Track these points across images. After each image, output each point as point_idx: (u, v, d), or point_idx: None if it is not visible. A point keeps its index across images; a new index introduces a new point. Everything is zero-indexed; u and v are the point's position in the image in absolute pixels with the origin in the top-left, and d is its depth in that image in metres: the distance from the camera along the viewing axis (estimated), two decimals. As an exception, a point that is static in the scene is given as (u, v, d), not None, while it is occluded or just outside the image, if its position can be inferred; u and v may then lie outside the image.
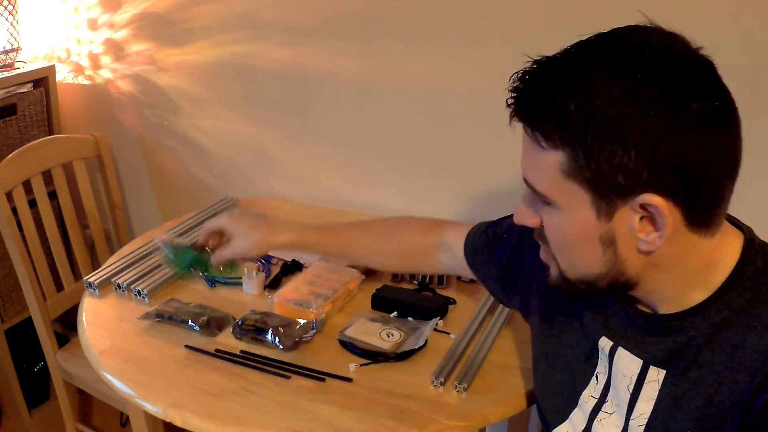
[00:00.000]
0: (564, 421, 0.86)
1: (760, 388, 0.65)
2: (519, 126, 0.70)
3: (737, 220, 0.75)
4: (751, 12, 1.15)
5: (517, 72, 0.67)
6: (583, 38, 0.67)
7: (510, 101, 0.67)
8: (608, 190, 0.64)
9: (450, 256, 1.08)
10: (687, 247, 0.67)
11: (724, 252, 0.70)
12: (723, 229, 0.70)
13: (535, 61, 0.67)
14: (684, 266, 0.69)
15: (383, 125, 1.60)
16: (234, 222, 1.14)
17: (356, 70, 1.57)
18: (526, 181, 0.71)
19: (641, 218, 0.65)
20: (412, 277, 1.34)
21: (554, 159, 0.65)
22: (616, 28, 0.67)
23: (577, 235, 0.69)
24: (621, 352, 0.77)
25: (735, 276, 0.69)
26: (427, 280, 1.33)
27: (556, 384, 0.87)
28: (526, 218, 0.75)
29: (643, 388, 0.75)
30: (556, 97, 0.64)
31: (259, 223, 1.14)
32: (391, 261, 1.16)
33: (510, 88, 0.67)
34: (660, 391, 0.73)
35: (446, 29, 1.43)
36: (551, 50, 0.71)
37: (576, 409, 0.84)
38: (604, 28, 0.69)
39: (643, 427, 0.74)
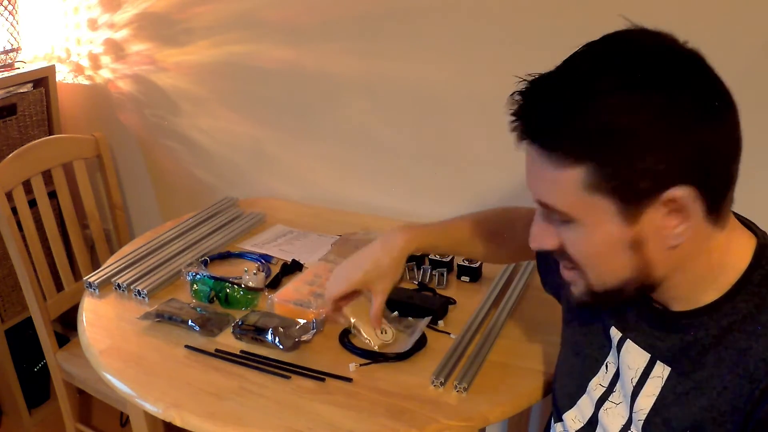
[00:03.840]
0: (573, 406, 0.86)
1: (762, 397, 0.65)
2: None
3: (753, 224, 0.75)
4: (751, 12, 1.15)
5: (516, 93, 0.67)
6: (576, 50, 0.67)
7: (516, 125, 0.67)
8: (634, 195, 0.65)
9: None
10: (703, 241, 0.68)
11: (734, 253, 0.70)
12: (732, 225, 0.70)
13: (532, 81, 0.67)
14: (698, 264, 0.69)
15: (383, 125, 1.60)
16: (362, 278, 1.01)
17: (356, 70, 1.57)
18: (540, 203, 0.71)
19: (668, 213, 0.66)
20: (412, 277, 1.34)
21: (574, 176, 0.65)
22: (606, 36, 0.67)
23: (604, 246, 0.69)
24: (629, 344, 0.78)
25: (744, 280, 0.69)
26: (427, 280, 1.33)
27: (570, 369, 0.88)
28: (544, 241, 0.74)
29: (646, 383, 0.75)
30: (569, 114, 0.64)
31: (378, 258, 1.01)
32: (504, 255, 1.15)
33: (513, 112, 0.67)
34: (663, 388, 0.73)
35: (446, 29, 1.43)
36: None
37: (584, 395, 0.85)
38: (601, 29, 0.69)
39: (642, 422, 0.75)
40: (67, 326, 2.21)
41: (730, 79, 0.66)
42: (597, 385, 0.83)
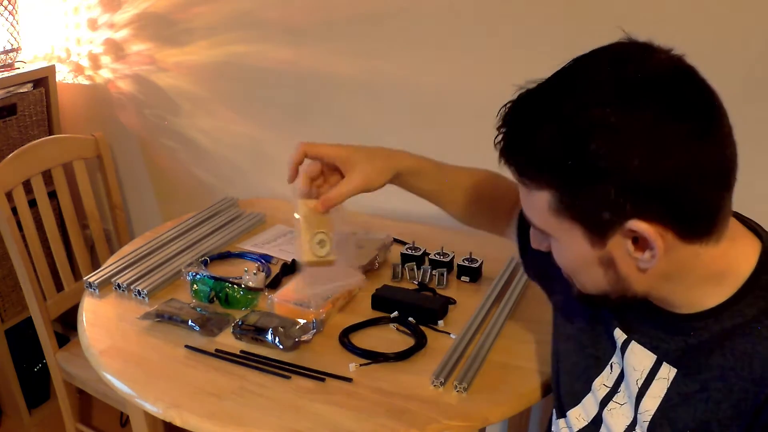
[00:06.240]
0: (577, 404, 0.86)
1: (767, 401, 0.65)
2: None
3: (759, 226, 0.74)
4: (751, 12, 1.15)
5: (503, 106, 0.69)
6: (562, 66, 0.67)
7: (496, 142, 0.69)
8: (596, 223, 0.65)
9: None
10: (690, 258, 0.67)
11: (736, 258, 0.69)
12: (732, 235, 0.69)
13: (513, 100, 0.68)
14: (692, 275, 0.69)
15: (383, 125, 1.60)
16: (348, 150, 0.95)
17: (356, 71, 1.57)
18: (525, 215, 0.74)
19: (634, 240, 0.65)
20: (412, 277, 1.34)
21: (542, 198, 0.67)
22: (594, 51, 0.66)
23: (577, 261, 0.72)
24: (634, 345, 0.78)
25: (750, 284, 0.69)
26: (427, 280, 1.33)
27: (573, 366, 0.88)
28: (538, 245, 0.80)
29: (651, 385, 0.75)
30: (534, 139, 0.65)
31: (375, 149, 0.99)
32: (478, 222, 1.11)
33: (496, 126, 0.69)
34: (669, 389, 0.73)
35: (446, 29, 1.43)
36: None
37: (589, 394, 0.85)
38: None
39: (647, 423, 0.75)
40: (67, 326, 2.21)
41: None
42: (601, 385, 0.83)
